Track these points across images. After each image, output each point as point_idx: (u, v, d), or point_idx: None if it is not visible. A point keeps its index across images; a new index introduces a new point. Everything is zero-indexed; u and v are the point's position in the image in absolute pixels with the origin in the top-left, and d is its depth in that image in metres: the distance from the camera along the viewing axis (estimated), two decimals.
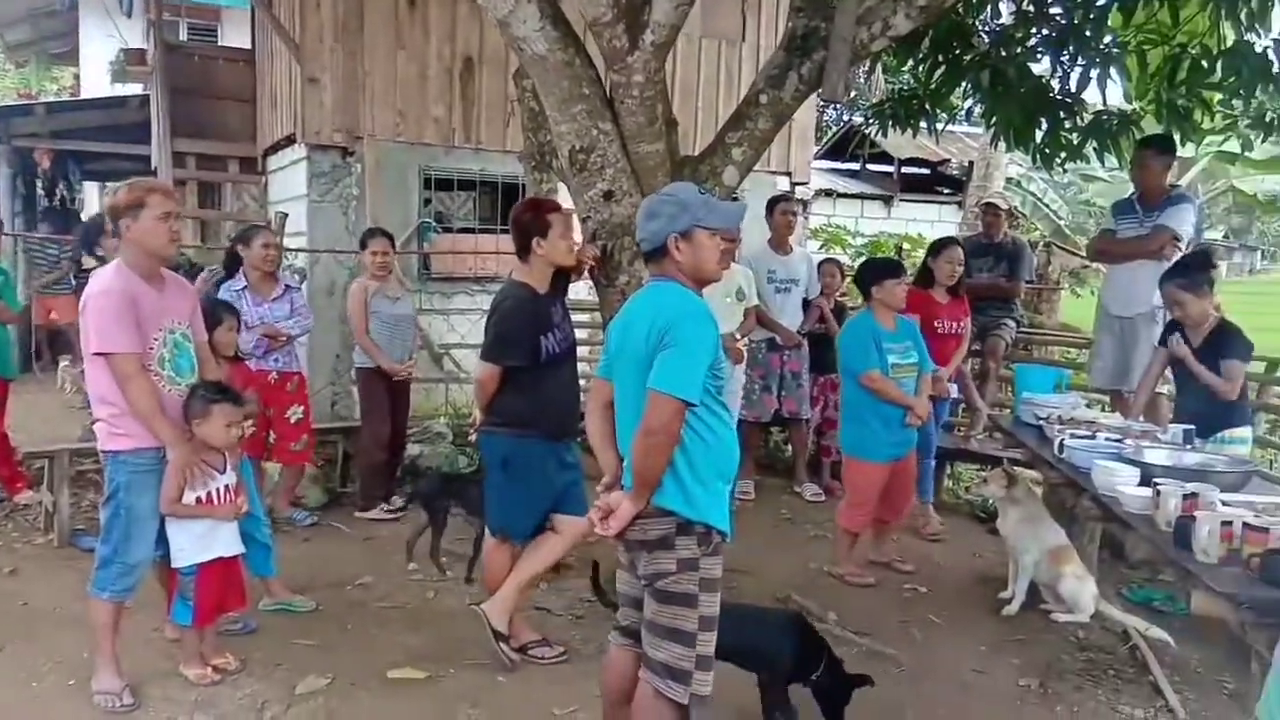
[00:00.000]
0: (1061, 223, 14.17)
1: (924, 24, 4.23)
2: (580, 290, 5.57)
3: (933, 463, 5.61)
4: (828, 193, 13.94)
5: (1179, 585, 4.23)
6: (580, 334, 5.27)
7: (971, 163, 12.36)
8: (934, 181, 14.88)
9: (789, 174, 9.12)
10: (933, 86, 5.62)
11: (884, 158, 14.34)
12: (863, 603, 4.45)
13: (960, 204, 13.20)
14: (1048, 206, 14.37)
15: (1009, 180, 12.49)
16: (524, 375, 3.47)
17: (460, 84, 7.71)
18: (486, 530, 3.72)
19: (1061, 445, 3.70)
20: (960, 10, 5.15)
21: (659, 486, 2.44)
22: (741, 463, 6.00)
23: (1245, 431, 4.25)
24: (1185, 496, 2.75)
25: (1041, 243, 8.92)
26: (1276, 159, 7.92)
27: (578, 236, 4.03)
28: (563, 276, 3.73)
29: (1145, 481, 3.03)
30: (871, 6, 3.94)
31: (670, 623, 2.49)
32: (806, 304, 6.18)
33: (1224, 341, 4.08)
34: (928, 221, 13.78)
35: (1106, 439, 3.70)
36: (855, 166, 14.99)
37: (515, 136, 6.45)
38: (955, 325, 5.40)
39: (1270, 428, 6.14)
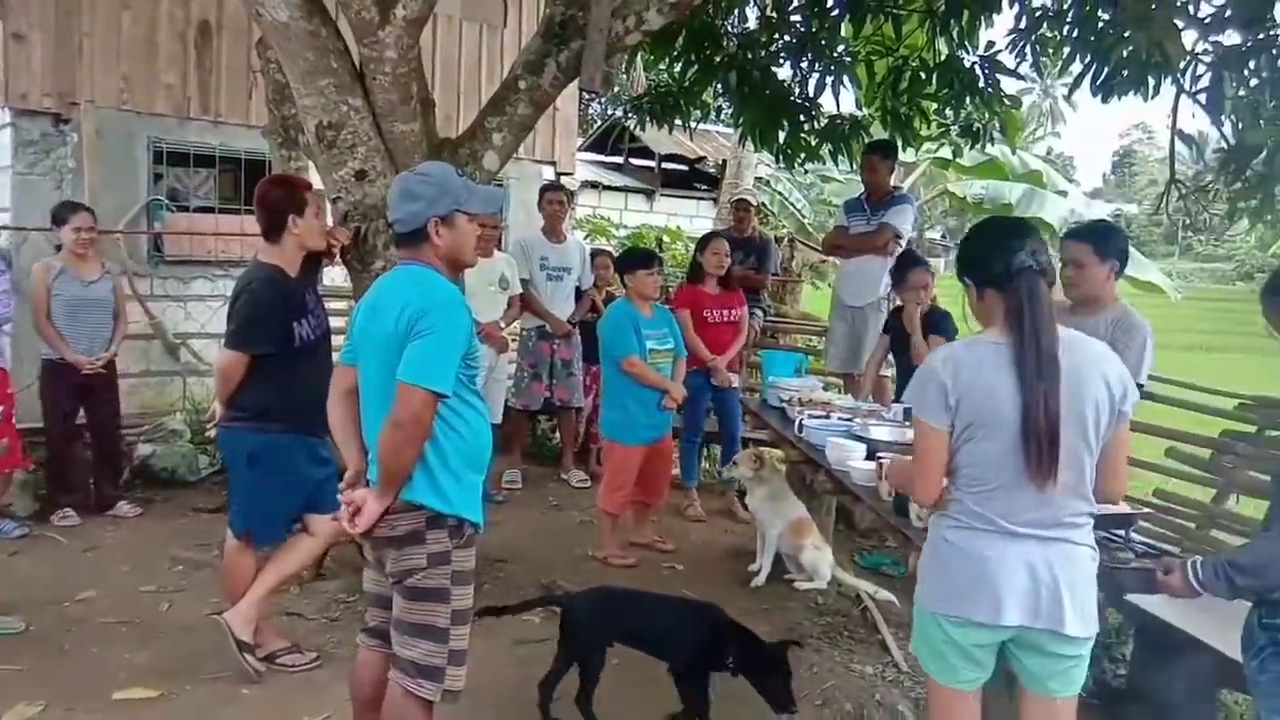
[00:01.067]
0: (805, 220, 15.21)
1: (675, 20, 4.38)
2: (335, 276, 5.32)
3: (696, 446, 5.85)
4: (593, 184, 14.16)
5: (900, 550, 4.70)
6: (336, 322, 5.02)
7: (725, 161, 13.00)
8: (692, 178, 15.50)
9: (554, 163, 9.16)
10: (686, 84, 5.85)
11: (646, 153, 14.76)
12: (625, 583, 4.55)
13: (715, 200, 13.84)
14: (793, 205, 15.36)
15: (759, 179, 13.23)
16: (274, 364, 3.25)
17: (196, 50, 7.08)
18: (229, 533, 3.46)
19: (800, 425, 3.97)
20: (710, 11, 5.38)
21: (408, 480, 2.35)
22: (510, 451, 6.06)
23: None
24: None
25: (787, 238, 9.53)
26: (983, 165, 8.94)
27: (330, 219, 3.85)
28: (313, 261, 3.54)
29: (871, 456, 3.32)
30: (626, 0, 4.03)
31: (421, 619, 2.41)
32: (580, 293, 6.23)
33: (937, 322, 4.56)
34: (687, 216, 14.34)
35: (839, 418, 4.02)
36: (619, 160, 15.33)
37: (260, 109, 6.01)
38: (727, 314, 5.59)
39: None
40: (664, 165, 14.78)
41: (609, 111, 17.89)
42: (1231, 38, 4.17)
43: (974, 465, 2.13)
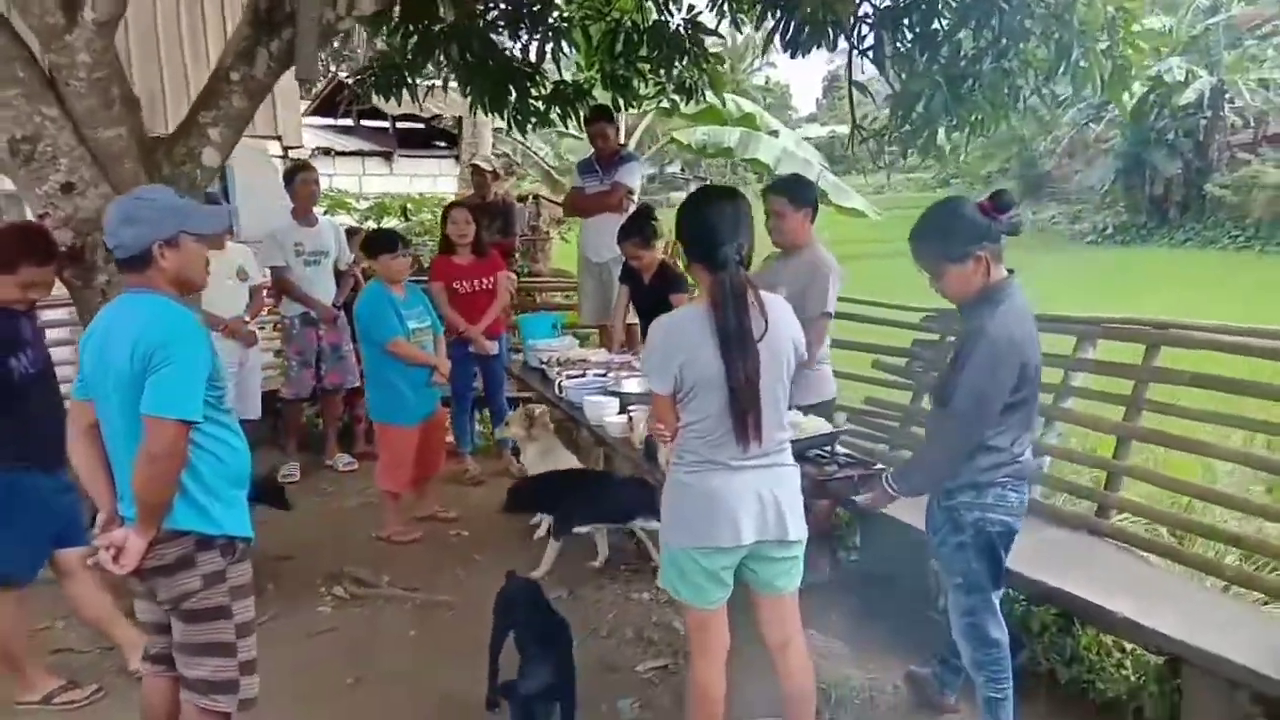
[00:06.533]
0: (551, 167, 15.41)
1: (388, 5, 4.39)
2: None
3: (467, 412, 6.01)
4: (326, 151, 13.57)
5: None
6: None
7: (461, 117, 12.87)
8: (429, 136, 15.21)
9: (278, 138, 8.78)
10: (409, 56, 5.82)
11: (378, 113, 14.29)
12: (413, 558, 4.70)
13: (457, 158, 13.69)
14: (536, 154, 15.51)
15: (500, 131, 13.25)
16: None
17: None
18: None
19: (560, 386, 4.23)
20: None
21: (169, 510, 2.37)
22: (284, 445, 5.95)
23: None
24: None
25: (531, 196, 9.72)
26: (703, 112, 9.50)
27: None
28: None
29: (624, 409, 3.65)
30: None
31: (206, 639, 2.46)
32: (340, 273, 6.12)
33: (668, 278, 4.97)
34: (430, 176, 14.12)
35: (595, 375, 4.31)
36: (350, 123, 14.75)
37: None
38: (480, 282, 5.74)
39: None
40: (399, 125, 14.39)
41: (331, 68, 17.09)
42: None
43: (699, 419, 2.47)
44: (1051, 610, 3.40)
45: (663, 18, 5.74)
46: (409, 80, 5.91)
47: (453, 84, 6.08)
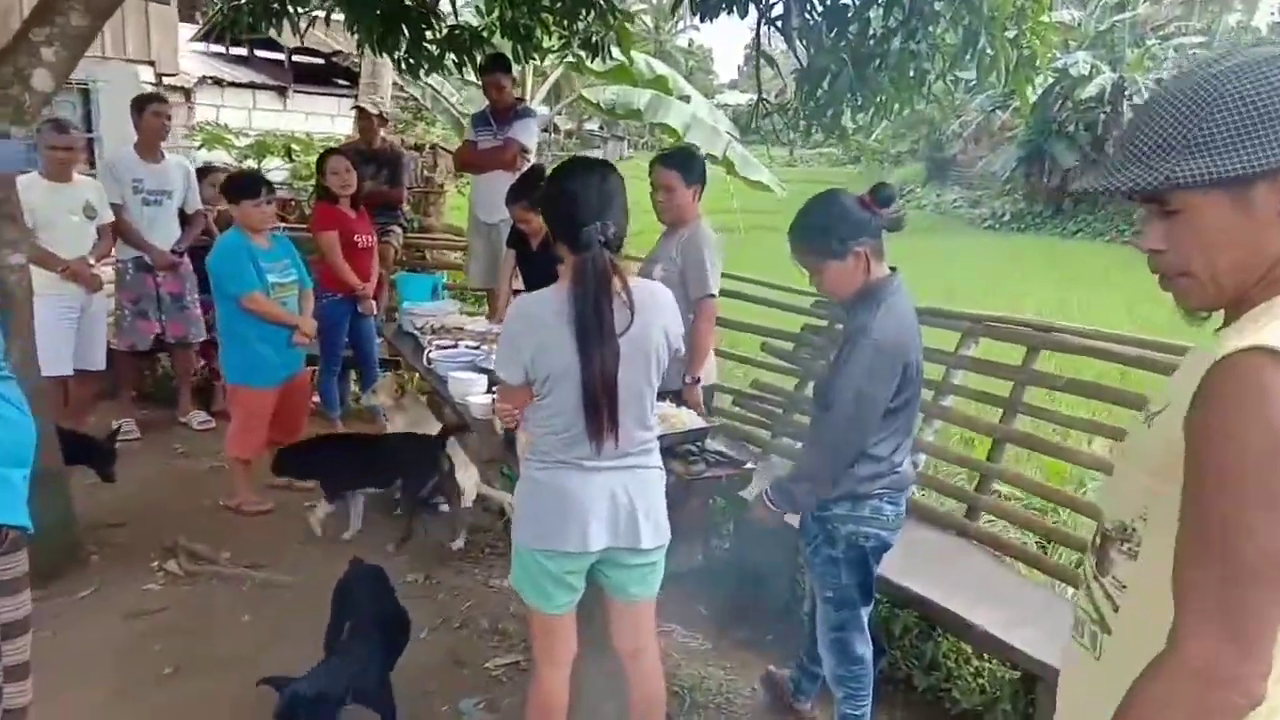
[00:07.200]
0: (463, 115, 14.74)
1: None
2: None
3: (336, 374, 5.66)
4: (216, 81, 12.68)
5: None
6: None
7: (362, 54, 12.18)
8: (330, 73, 14.39)
9: (152, 63, 8.10)
10: None
11: (276, 45, 13.43)
12: (261, 531, 4.38)
13: (356, 97, 13.00)
14: (446, 99, 14.85)
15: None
16: None
17: None
18: None
19: (428, 357, 3.95)
20: None
21: None
22: (118, 398, 5.50)
23: None
24: None
25: (428, 146, 9.24)
26: (614, 70, 9.14)
27: None
28: None
29: (491, 388, 3.40)
30: None
31: None
32: (186, 217, 5.65)
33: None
34: (327, 115, 13.37)
35: (466, 347, 4.04)
36: (243, 53, 13.82)
37: None
38: (369, 238, 5.42)
39: None
40: (296, 59, 13.55)
41: None
42: None
43: (554, 415, 2.25)
44: (914, 614, 3.34)
45: None
46: (290, 10, 5.45)
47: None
